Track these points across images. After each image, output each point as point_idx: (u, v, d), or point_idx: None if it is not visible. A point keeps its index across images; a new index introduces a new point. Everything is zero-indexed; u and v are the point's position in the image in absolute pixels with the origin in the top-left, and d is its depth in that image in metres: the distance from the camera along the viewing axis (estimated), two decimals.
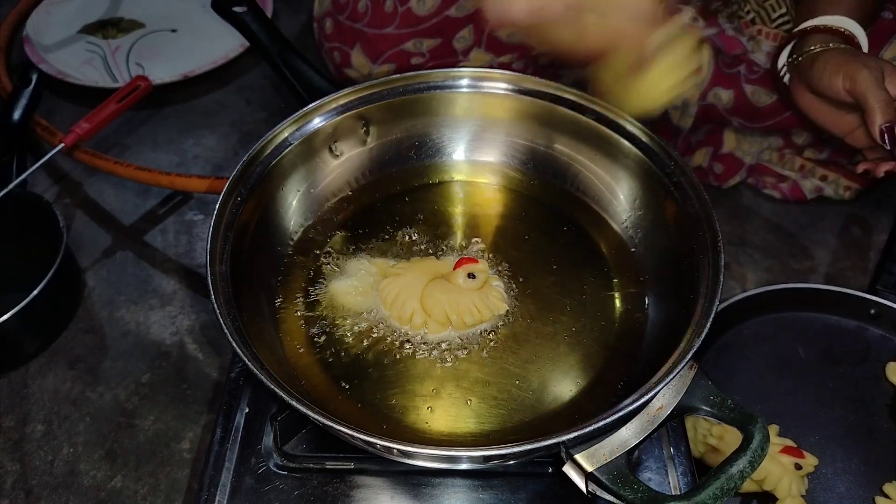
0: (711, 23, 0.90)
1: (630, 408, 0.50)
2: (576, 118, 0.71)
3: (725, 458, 0.49)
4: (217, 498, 0.60)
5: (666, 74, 0.62)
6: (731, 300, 0.78)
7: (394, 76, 0.72)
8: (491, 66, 0.98)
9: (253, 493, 0.60)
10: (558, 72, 0.98)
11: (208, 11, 0.89)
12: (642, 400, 0.50)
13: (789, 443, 0.68)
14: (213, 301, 0.55)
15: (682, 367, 0.51)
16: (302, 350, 0.63)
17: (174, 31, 1.26)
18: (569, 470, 0.51)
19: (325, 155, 0.73)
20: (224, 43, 1.19)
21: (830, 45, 0.76)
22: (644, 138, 0.68)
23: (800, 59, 0.78)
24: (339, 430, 0.49)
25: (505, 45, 0.97)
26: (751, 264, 0.91)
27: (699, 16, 0.90)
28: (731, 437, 0.67)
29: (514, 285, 0.67)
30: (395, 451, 0.50)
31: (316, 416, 0.49)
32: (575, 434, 0.49)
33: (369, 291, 0.66)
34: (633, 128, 0.68)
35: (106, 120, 0.94)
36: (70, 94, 1.13)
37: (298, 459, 0.62)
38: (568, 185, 0.75)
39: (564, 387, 0.61)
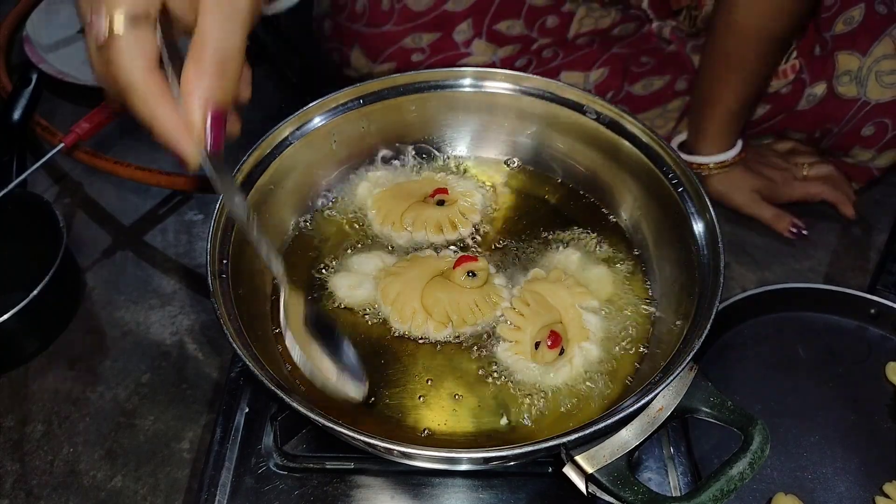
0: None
1: (630, 409, 0.50)
2: (577, 118, 0.71)
3: (726, 459, 0.49)
4: (217, 498, 0.60)
5: None
6: (731, 300, 0.78)
7: (395, 75, 0.72)
8: (493, 62, 0.98)
9: (253, 493, 0.61)
10: (559, 68, 0.98)
11: None
12: (643, 401, 0.50)
13: None
14: (213, 301, 0.55)
15: (683, 369, 0.51)
16: None
17: None
18: (569, 471, 0.51)
19: (326, 154, 0.73)
20: None
21: None
22: (644, 139, 0.67)
23: None
24: (340, 432, 0.49)
25: (506, 37, 0.96)
26: (751, 264, 0.91)
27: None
28: None
29: (514, 284, 0.67)
30: (395, 452, 0.50)
31: (316, 418, 0.49)
32: (576, 436, 0.49)
33: (370, 290, 0.66)
34: (633, 128, 0.68)
35: (106, 120, 0.93)
36: (70, 94, 1.13)
37: (298, 459, 0.62)
38: (569, 185, 0.75)
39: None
